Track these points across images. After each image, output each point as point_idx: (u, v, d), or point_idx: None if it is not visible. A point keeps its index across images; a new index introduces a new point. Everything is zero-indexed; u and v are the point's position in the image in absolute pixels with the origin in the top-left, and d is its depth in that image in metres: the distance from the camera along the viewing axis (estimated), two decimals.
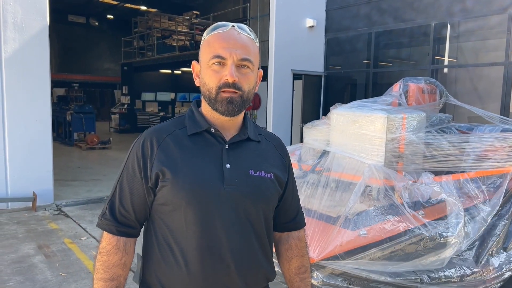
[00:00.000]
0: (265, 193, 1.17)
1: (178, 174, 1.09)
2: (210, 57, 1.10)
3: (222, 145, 1.15)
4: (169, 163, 1.10)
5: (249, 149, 1.20)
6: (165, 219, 1.12)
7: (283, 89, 8.66)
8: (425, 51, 8.08)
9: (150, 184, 1.11)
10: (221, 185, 1.10)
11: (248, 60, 1.12)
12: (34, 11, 5.62)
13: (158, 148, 1.12)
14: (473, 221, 2.94)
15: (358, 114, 3.32)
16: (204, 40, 1.16)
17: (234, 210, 1.12)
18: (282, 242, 1.34)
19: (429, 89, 4.33)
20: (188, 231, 1.10)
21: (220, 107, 1.11)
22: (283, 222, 1.32)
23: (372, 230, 2.49)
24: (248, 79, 1.13)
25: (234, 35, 1.12)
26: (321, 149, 3.58)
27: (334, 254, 2.15)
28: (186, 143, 1.14)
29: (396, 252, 2.45)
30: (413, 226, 2.62)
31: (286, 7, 8.41)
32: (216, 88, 1.10)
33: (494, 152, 3.56)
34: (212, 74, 1.11)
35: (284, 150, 1.30)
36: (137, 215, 1.15)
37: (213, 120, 1.17)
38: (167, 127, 1.18)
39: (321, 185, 3.12)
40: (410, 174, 3.26)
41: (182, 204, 1.09)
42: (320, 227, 2.45)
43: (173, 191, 1.09)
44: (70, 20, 21.04)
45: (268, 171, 1.19)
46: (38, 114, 5.79)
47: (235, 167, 1.14)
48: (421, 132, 3.41)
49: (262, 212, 1.17)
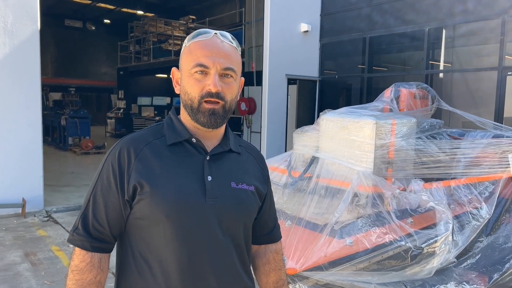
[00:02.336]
0: (247, 206, 1.14)
1: (157, 187, 1.04)
2: (192, 65, 1.07)
3: (203, 156, 1.11)
4: (147, 174, 1.05)
5: (231, 160, 1.16)
6: (143, 234, 1.07)
7: (278, 94, 8.63)
8: (420, 56, 8.07)
9: (126, 197, 1.05)
10: (202, 198, 1.06)
11: (231, 70, 1.08)
12: (25, 15, 5.59)
13: (136, 159, 1.06)
14: (463, 229, 2.89)
15: (347, 120, 3.28)
16: (186, 47, 1.12)
17: (215, 224, 1.07)
18: (259, 255, 1.31)
19: (421, 95, 4.30)
20: (168, 246, 1.04)
21: (202, 119, 1.07)
22: (261, 235, 1.29)
23: (359, 240, 2.44)
24: (231, 88, 1.10)
25: (217, 43, 1.09)
26: (311, 155, 3.53)
27: (318, 264, 2.10)
28: (165, 153, 1.09)
29: (383, 262, 2.40)
30: (400, 235, 2.57)
31: (281, 12, 8.40)
32: (199, 97, 1.07)
33: (486, 158, 3.52)
34: (194, 83, 1.07)
35: (263, 162, 1.28)
36: (112, 230, 1.09)
37: (194, 130, 1.13)
38: (144, 136, 1.12)
39: (309, 192, 3.07)
40: (400, 180, 3.22)
41: (161, 219, 1.03)
42: (306, 236, 2.40)
43: (152, 204, 1.03)
44: (67, 24, 21.05)
45: (249, 183, 1.16)
46: (29, 119, 5.74)
47: (217, 179, 1.10)
48: (411, 138, 3.37)
49: (243, 225, 1.14)
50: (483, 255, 3.08)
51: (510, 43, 6.82)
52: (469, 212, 3.12)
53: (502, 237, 3.19)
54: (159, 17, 16.41)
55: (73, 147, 11.84)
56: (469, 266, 2.95)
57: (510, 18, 6.69)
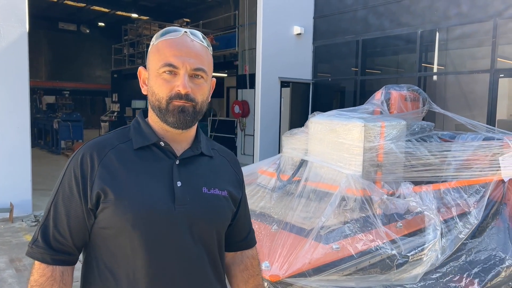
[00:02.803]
0: (220, 212, 1.09)
1: (122, 194, 0.98)
2: (161, 65, 1.01)
3: (172, 160, 1.05)
4: (112, 181, 0.99)
5: (202, 165, 1.11)
6: (108, 244, 1.01)
7: (271, 97, 8.60)
8: (413, 58, 8.07)
9: (90, 205, 0.99)
10: (171, 205, 1.00)
11: (202, 70, 1.03)
12: (13, 18, 5.52)
13: (100, 164, 1.00)
14: (451, 234, 2.85)
15: (335, 123, 3.24)
16: (153, 46, 1.06)
17: (186, 232, 1.02)
18: (236, 262, 1.25)
19: (411, 97, 4.27)
20: (135, 257, 0.98)
21: (171, 118, 1.02)
22: (237, 241, 1.24)
23: (345, 245, 2.39)
24: (202, 89, 1.05)
25: (187, 42, 1.04)
26: (300, 158, 3.49)
27: (302, 270, 2.05)
28: (131, 158, 1.03)
29: (369, 267, 2.35)
30: (387, 240, 2.52)
31: (274, 14, 8.38)
32: (167, 98, 1.01)
33: (476, 161, 3.49)
34: (163, 84, 1.01)
35: (237, 165, 1.23)
36: (75, 241, 1.02)
37: (163, 133, 1.07)
38: (109, 140, 1.06)
39: (297, 196, 3.02)
40: (389, 184, 3.18)
41: (127, 228, 0.97)
42: (291, 241, 2.34)
43: (117, 213, 0.97)
44: (61, 27, 20.96)
45: (222, 188, 1.11)
46: (17, 122, 5.66)
47: (187, 184, 1.04)
48: (401, 140, 3.33)
49: (216, 232, 1.09)
50: (471, 258, 3.04)
51: (502, 45, 6.83)
52: (458, 216, 3.08)
53: (491, 240, 3.15)
54: (153, 20, 16.39)
55: (65, 150, 11.74)
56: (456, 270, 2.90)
57: (502, 20, 6.69)
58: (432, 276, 2.63)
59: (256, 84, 8.44)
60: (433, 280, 2.71)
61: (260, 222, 2.79)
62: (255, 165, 3.94)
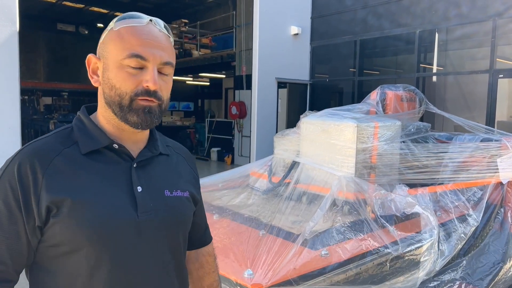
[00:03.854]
0: (184, 215, 1.01)
1: (76, 206, 0.85)
2: (126, 55, 0.88)
3: (129, 163, 0.93)
4: (63, 192, 0.85)
5: (160, 165, 1.00)
6: (58, 265, 0.87)
7: (268, 98, 8.50)
8: (411, 59, 7.96)
9: (38, 222, 0.85)
10: (133, 213, 0.89)
11: (170, 64, 0.93)
12: (3, 17, 5.44)
13: (45, 175, 0.85)
14: (449, 238, 2.74)
15: (328, 123, 3.13)
16: (113, 31, 0.92)
17: (152, 241, 0.92)
18: (191, 261, 1.17)
19: (408, 97, 4.16)
20: (93, 277, 0.86)
21: (135, 118, 0.89)
22: (193, 240, 1.15)
23: (336, 250, 2.28)
24: (168, 87, 0.95)
25: (155, 32, 0.92)
26: (291, 160, 3.38)
27: (287, 278, 1.94)
28: (81, 164, 0.90)
29: (360, 274, 2.23)
30: (381, 244, 2.41)
31: (271, 14, 8.29)
32: (132, 94, 0.88)
33: (474, 163, 3.38)
34: (127, 77, 0.88)
35: (193, 162, 1.14)
36: (16, 265, 0.87)
37: (117, 132, 0.94)
38: (51, 145, 0.91)
39: (287, 199, 2.91)
40: (383, 186, 3.06)
41: (84, 244, 0.85)
42: (278, 246, 2.23)
43: (71, 228, 0.84)
44: (59, 28, 20.87)
45: (183, 189, 1.02)
46: (8, 122, 5.57)
47: (148, 189, 0.93)
48: (396, 142, 3.22)
49: (182, 237, 1.00)
50: (470, 264, 2.93)
51: (501, 46, 6.73)
52: (456, 219, 2.97)
53: (490, 245, 3.04)
54: None
55: None
56: (455, 275, 2.79)
57: (501, 20, 6.59)
58: (430, 285, 2.52)
59: (253, 85, 8.35)
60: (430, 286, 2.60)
61: (248, 227, 2.68)
62: (246, 167, 3.83)
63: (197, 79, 17.85)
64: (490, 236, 3.14)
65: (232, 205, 3.11)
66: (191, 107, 18.80)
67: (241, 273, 1.97)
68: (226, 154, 11.26)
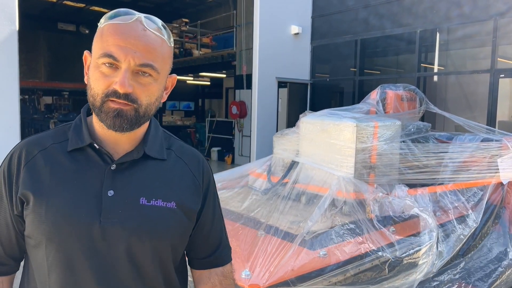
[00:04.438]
0: (159, 227, 0.91)
1: (41, 202, 0.86)
2: (100, 54, 0.85)
3: (107, 165, 0.90)
4: (32, 187, 0.87)
5: (146, 170, 0.94)
6: (32, 255, 0.91)
7: (268, 98, 8.49)
8: (412, 59, 7.94)
9: (16, 211, 0.89)
10: (96, 217, 0.86)
11: (150, 67, 0.86)
12: (2, 16, 5.43)
13: (24, 167, 0.89)
14: (448, 239, 2.72)
15: (327, 123, 3.11)
16: (99, 29, 0.89)
17: (111, 250, 0.87)
18: (203, 281, 1.08)
19: (408, 97, 4.14)
20: (51, 275, 0.87)
21: (106, 119, 0.87)
22: (201, 257, 1.07)
23: (334, 251, 2.26)
24: (148, 90, 0.88)
25: (137, 31, 0.86)
26: (290, 159, 3.36)
27: (285, 279, 1.92)
28: (61, 161, 0.90)
29: (358, 275, 2.22)
30: (380, 245, 2.39)
31: (271, 13, 8.27)
32: (102, 95, 0.86)
33: (474, 163, 3.36)
34: (100, 77, 0.86)
35: (199, 168, 1.03)
36: (7, 250, 0.92)
37: (103, 133, 0.93)
38: (43, 139, 0.94)
39: (286, 198, 2.89)
40: (383, 186, 3.05)
41: (43, 241, 0.86)
42: (276, 247, 2.22)
43: (35, 223, 0.86)
44: (60, 28, 20.88)
45: (168, 199, 0.93)
46: (7, 121, 5.57)
47: (121, 194, 0.89)
48: (395, 141, 3.20)
49: (154, 251, 0.91)
50: (470, 264, 2.91)
51: (502, 45, 6.70)
52: (455, 220, 2.95)
53: (490, 246, 3.02)
54: None
55: None
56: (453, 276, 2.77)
57: (503, 20, 6.56)
58: (429, 285, 2.50)
59: (253, 84, 8.34)
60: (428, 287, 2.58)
61: (246, 227, 2.66)
62: (245, 166, 3.82)
63: (198, 78, 17.83)
64: (490, 236, 3.12)
65: (230, 205, 3.09)
66: (191, 107, 18.77)
67: (239, 273, 1.96)
68: (227, 154, 11.25)
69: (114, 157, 0.93)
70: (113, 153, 0.93)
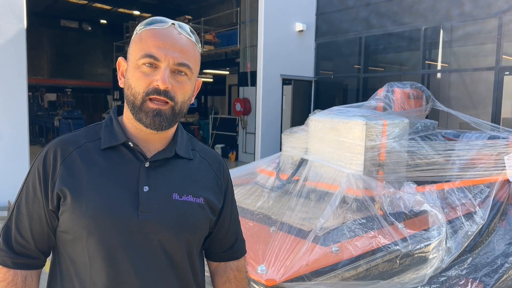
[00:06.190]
0: (191, 221, 0.99)
1: (80, 198, 0.91)
2: (141, 56, 0.93)
3: (141, 162, 0.97)
4: (71, 183, 0.92)
5: (176, 168, 1.01)
6: (68, 250, 0.95)
7: (272, 95, 8.52)
8: (416, 56, 7.96)
9: (51, 207, 0.93)
10: (134, 212, 0.92)
11: (186, 66, 0.94)
12: (10, 14, 5.46)
13: (62, 164, 0.94)
14: (456, 235, 2.77)
15: (336, 121, 3.15)
16: (136, 35, 0.97)
17: (149, 242, 0.94)
18: (219, 273, 1.17)
19: (415, 94, 4.18)
20: (92, 266, 0.92)
21: (145, 119, 0.93)
22: (219, 251, 1.15)
23: (346, 246, 2.31)
24: (184, 88, 0.96)
25: (173, 34, 0.95)
26: (299, 157, 3.40)
27: (300, 274, 1.97)
28: (96, 159, 0.96)
29: (370, 269, 2.27)
30: (391, 241, 2.44)
31: (275, 11, 8.29)
32: (143, 94, 0.92)
33: (481, 160, 3.40)
34: (141, 77, 0.92)
35: (220, 169, 1.12)
36: (38, 244, 0.96)
37: (135, 132, 0.99)
38: (77, 138, 0.99)
39: (296, 196, 2.94)
40: (391, 184, 3.09)
41: (84, 234, 0.91)
42: (290, 243, 2.27)
43: (74, 217, 0.91)
44: (63, 25, 20.89)
45: (197, 195, 1.01)
46: (15, 119, 5.61)
47: (155, 190, 0.96)
48: (404, 139, 3.25)
49: (186, 242, 0.99)
50: (477, 260, 2.96)
51: (507, 43, 6.71)
52: (463, 216, 2.99)
53: (496, 242, 3.07)
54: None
55: None
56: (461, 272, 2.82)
57: (507, 18, 6.57)
58: (437, 280, 2.55)
59: (257, 81, 8.36)
60: (438, 284, 2.63)
61: (258, 223, 2.71)
62: (254, 164, 3.86)
63: (201, 75, 17.86)
64: (496, 232, 3.17)
65: (240, 201, 3.14)
66: (194, 104, 18.80)
67: (254, 269, 2.01)
68: (230, 151, 11.29)
69: (147, 155, 0.99)
70: (146, 151, 0.99)
